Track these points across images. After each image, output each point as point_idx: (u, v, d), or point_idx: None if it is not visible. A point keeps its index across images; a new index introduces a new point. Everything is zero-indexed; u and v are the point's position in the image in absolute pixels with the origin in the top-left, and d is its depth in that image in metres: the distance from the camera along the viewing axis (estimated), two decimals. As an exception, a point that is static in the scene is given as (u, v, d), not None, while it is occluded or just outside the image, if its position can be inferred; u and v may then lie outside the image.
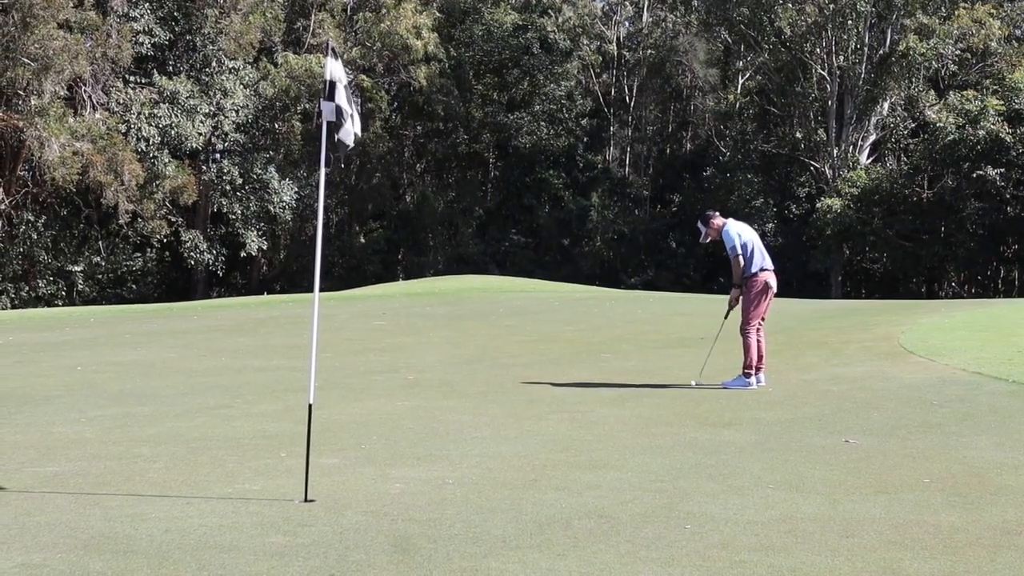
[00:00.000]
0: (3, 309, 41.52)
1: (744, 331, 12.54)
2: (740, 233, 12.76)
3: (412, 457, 8.69)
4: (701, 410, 10.78)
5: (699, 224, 13.12)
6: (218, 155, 49.78)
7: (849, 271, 55.73)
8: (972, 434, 9.24)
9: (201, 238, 48.87)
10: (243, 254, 50.14)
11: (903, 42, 51.80)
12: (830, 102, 54.02)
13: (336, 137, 7.89)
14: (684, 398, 11.58)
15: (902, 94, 54.50)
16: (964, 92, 50.78)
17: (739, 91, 60.92)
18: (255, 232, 49.79)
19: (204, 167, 48.45)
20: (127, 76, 45.91)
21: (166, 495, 7.44)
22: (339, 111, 7.90)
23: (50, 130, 40.58)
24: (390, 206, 60.67)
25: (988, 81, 53.00)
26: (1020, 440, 8.98)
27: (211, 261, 48.93)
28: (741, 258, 12.58)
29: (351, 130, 7.97)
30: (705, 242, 13.37)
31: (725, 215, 13.43)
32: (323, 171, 8.25)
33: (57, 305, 43.53)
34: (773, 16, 54.08)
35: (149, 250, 48.44)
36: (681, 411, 10.75)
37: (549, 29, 59.27)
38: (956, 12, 53.09)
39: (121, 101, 44.96)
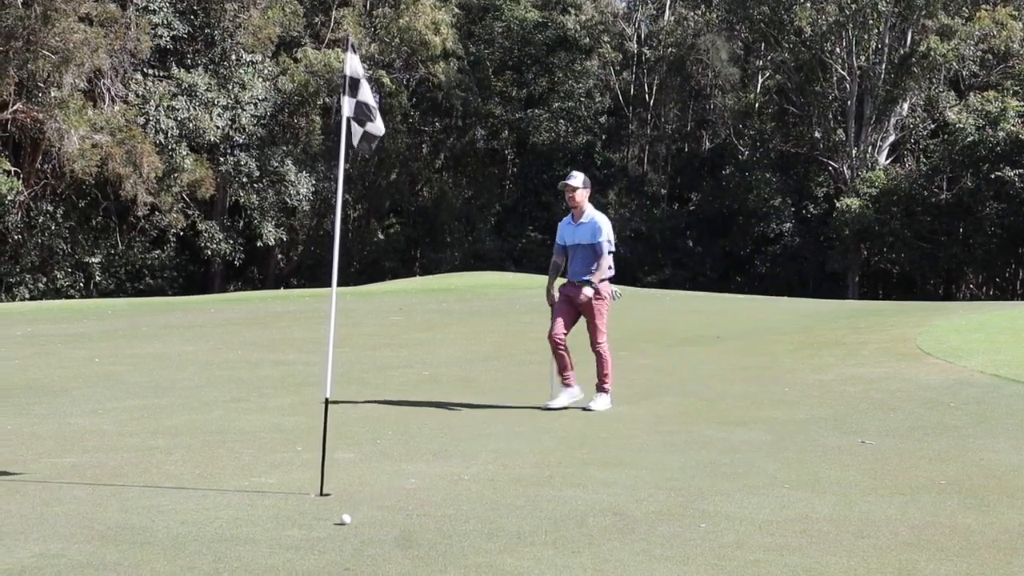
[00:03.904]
0: (21, 300, 41.69)
1: (603, 345, 10.95)
2: None
3: (427, 453, 8.71)
4: (716, 409, 10.77)
5: (582, 176, 11.12)
6: (236, 149, 49.86)
7: (866, 272, 55.59)
8: (989, 436, 9.21)
9: (218, 228, 48.98)
10: (259, 244, 50.24)
11: (924, 43, 51.62)
12: (849, 102, 53.87)
13: (363, 130, 7.96)
14: (699, 397, 11.57)
15: (922, 95, 54.33)
16: (984, 93, 50.61)
17: (758, 90, 60.79)
18: (272, 223, 49.90)
19: (221, 159, 48.55)
20: (146, 69, 46.04)
21: (183, 487, 7.47)
22: (366, 107, 7.97)
23: (70, 122, 40.71)
24: (408, 202, 60.71)
25: (1009, 82, 52.81)
26: (1037, 443, 8.96)
27: (228, 251, 49.01)
28: (611, 257, 11.01)
29: (378, 124, 8.05)
30: (562, 190, 11.14)
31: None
32: (342, 166, 8.28)
33: (74, 297, 43.69)
34: (793, 15, 53.96)
35: (167, 245, 48.59)
36: (696, 410, 10.75)
37: (569, 26, 59.23)
38: (977, 13, 52.90)
39: (140, 94, 45.06)
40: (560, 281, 11.31)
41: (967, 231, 51.28)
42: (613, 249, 10.98)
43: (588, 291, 10.83)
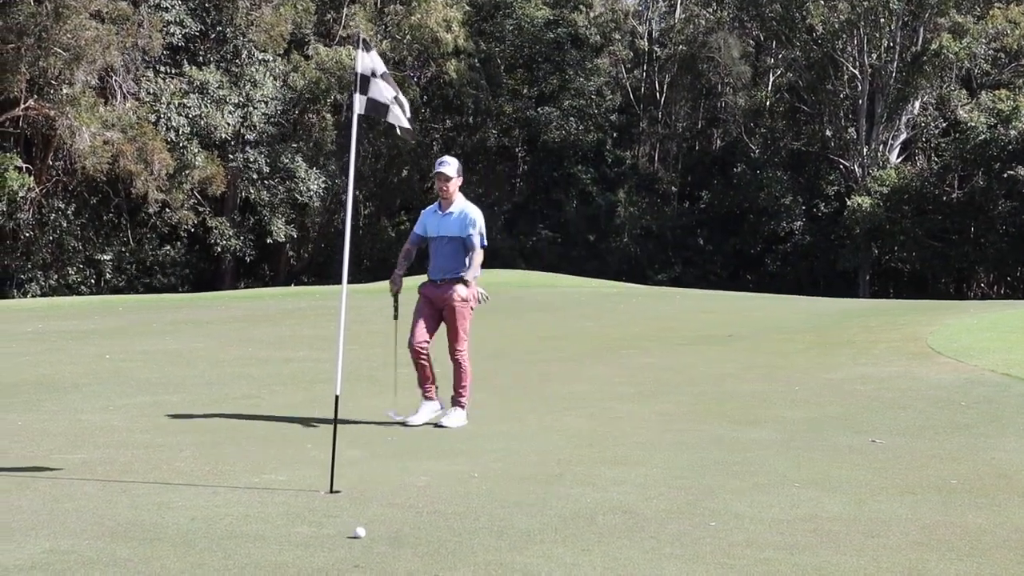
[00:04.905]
0: (33, 297, 41.78)
1: (463, 353, 10.12)
2: None
3: (437, 450, 8.72)
4: (725, 407, 10.75)
5: (456, 163, 10.42)
6: (246, 146, 49.92)
7: (877, 270, 55.50)
8: (1000, 435, 9.19)
9: (228, 224, 49.06)
10: (269, 241, 50.32)
11: (936, 41, 51.49)
12: (861, 100, 53.76)
13: (385, 121, 8.17)
14: (708, 395, 11.55)
15: (934, 93, 54.20)
16: (996, 92, 50.48)
17: (769, 88, 60.72)
18: (282, 220, 49.97)
19: (232, 156, 48.61)
20: (158, 66, 46.12)
21: (193, 484, 7.48)
22: (373, 104, 8.08)
23: (81, 119, 40.78)
24: (419, 199, 60.73)
25: (1021, 81, 52.67)
26: (1048, 443, 8.93)
27: (238, 248, 49.09)
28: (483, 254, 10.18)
29: (398, 113, 8.21)
30: (434, 174, 10.37)
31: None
32: (352, 163, 8.32)
33: (85, 293, 43.75)
34: (805, 13, 53.87)
35: (177, 242, 48.67)
36: (705, 408, 10.73)
37: (580, 24, 59.23)
38: (990, 12, 52.76)
39: (151, 91, 45.14)
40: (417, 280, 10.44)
41: (979, 230, 51.14)
42: (486, 244, 10.15)
43: (462, 291, 9.94)
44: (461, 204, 10.17)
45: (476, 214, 10.10)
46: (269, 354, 15.45)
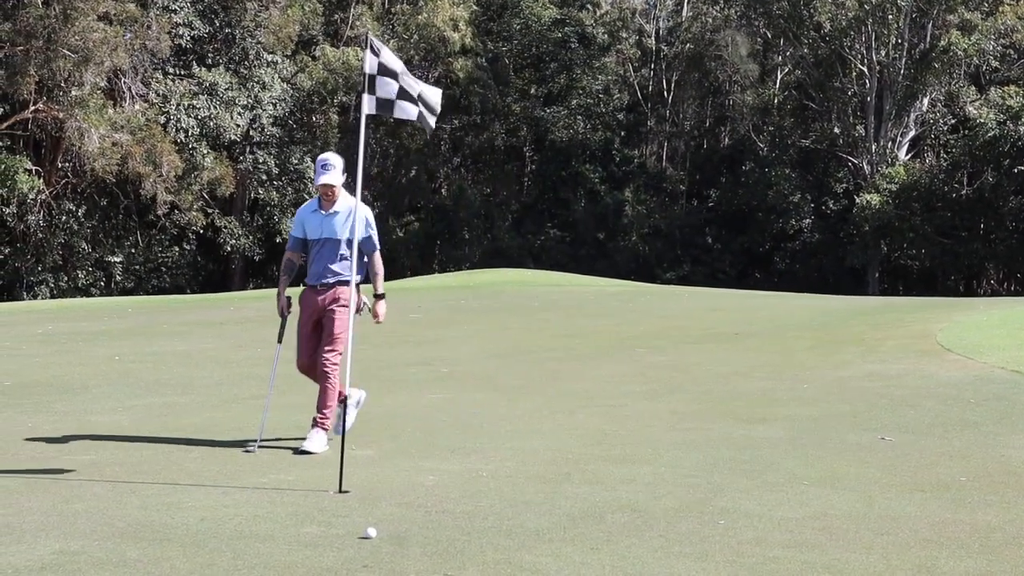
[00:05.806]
0: (43, 299, 41.86)
1: (334, 365, 8.91)
2: None
3: (446, 449, 8.72)
4: (734, 406, 10.74)
5: (340, 162, 8.93)
6: (255, 148, 50.01)
7: (887, 268, 55.42)
8: (1010, 433, 9.17)
9: (237, 224, 49.12)
10: (278, 241, 50.38)
11: (944, 37, 51.39)
12: (869, 97, 53.67)
13: (420, 109, 8.28)
14: (716, 394, 11.54)
15: (942, 90, 54.08)
16: (1005, 88, 50.37)
17: (777, 86, 60.64)
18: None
19: (240, 157, 48.69)
20: (166, 68, 46.19)
21: (202, 484, 7.49)
22: (381, 103, 8.13)
23: (90, 121, 40.84)
24: (427, 199, 60.77)
25: (1030, 77, 52.57)
26: (1058, 439, 8.91)
27: (247, 247, 49.15)
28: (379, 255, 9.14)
29: (407, 108, 8.27)
30: (319, 184, 8.84)
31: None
32: (360, 163, 8.32)
33: (95, 295, 43.81)
34: (813, 10, 53.78)
35: (186, 242, 48.74)
36: (714, 407, 10.72)
37: (587, 23, 59.23)
38: (999, 8, 52.63)
39: (160, 92, 45.22)
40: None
41: (988, 226, 51.05)
42: (379, 246, 9.18)
43: (346, 293, 8.87)
44: (347, 202, 8.93)
45: (368, 213, 9.01)
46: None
